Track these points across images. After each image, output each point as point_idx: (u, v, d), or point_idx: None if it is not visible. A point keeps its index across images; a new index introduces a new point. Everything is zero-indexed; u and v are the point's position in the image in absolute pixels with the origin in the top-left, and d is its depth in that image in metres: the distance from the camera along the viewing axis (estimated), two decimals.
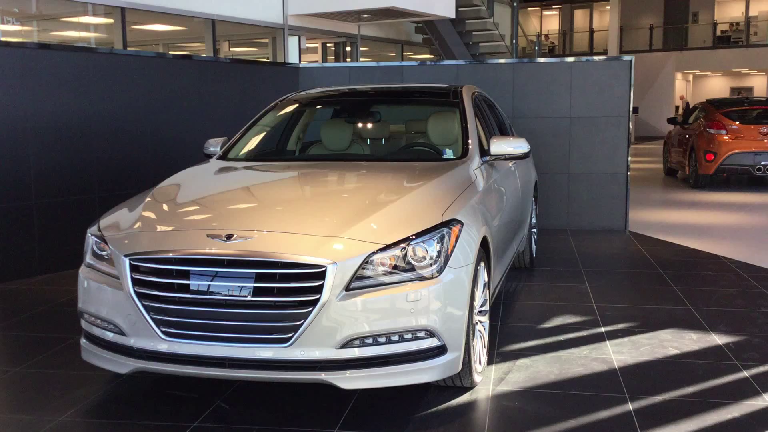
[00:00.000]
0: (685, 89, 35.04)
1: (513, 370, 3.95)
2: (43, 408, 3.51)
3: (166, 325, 3.20)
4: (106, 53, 6.96)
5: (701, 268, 6.44)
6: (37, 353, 4.29)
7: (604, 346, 4.36)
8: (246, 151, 4.91)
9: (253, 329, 3.13)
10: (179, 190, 4.04)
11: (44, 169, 6.24)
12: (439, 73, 8.66)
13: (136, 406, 3.56)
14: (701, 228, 8.59)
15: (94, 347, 3.50)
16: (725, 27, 33.36)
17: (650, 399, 3.57)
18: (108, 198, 6.54)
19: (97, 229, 3.60)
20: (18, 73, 6.04)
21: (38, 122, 6.18)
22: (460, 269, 3.37)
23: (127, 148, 6.92)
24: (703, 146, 12.10)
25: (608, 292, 5.62)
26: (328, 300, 3.09)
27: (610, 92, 8.13)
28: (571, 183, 8.35)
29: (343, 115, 5.43)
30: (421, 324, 3.21)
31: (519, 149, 4.59)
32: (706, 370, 3.97)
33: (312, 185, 4.25)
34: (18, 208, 6.07)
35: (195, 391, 3.67)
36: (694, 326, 4.72)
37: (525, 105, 8.30)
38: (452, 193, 3.77)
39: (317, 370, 3.16)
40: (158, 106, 7.22)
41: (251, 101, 8.02)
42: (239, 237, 3.22)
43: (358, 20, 14.01)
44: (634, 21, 33.74)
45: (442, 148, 4.73)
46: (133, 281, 3.25)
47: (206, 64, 8.05)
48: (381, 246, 3.21)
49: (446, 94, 5.28)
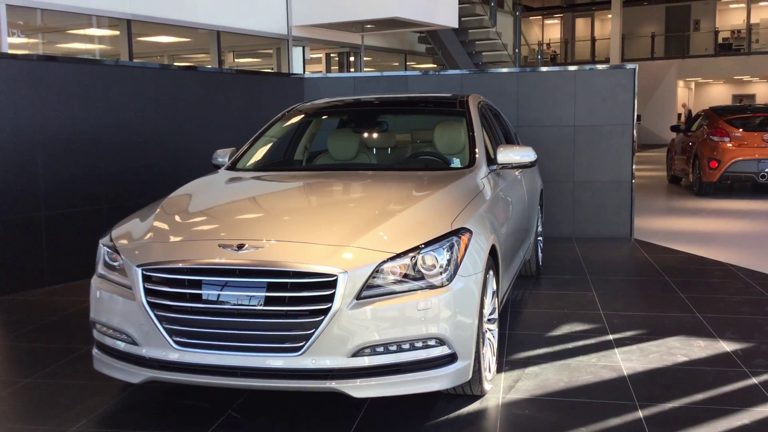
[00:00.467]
0: (687, 97, 35.07)
1: (522, 378, 3.96)
2: (56, 418, 3.53)
3: (179, 335, 3.22)
4: (112, 65, 7.02)
5: (707, 276, 6.45)
6: (47, 363, 4.31)
7: (612, 353, 4.36)
8: (254, 161, 4.93)
9: (265, 338, 3.15)
10: (190, 201, 4.06)
11: (52, 181, 6.27)
12: (443, 82, 8.70)
13: (149, 416, 3.57)
14: (706, 235, 8.60)
15: (107, 357, 3.52)
16: (727, 35, 33.44)
17: (660, 406, 3.58)
18: (116, 209, 6.57)
19: (109, 239, 3.63)
20: (26, 85, 6.08)
21: (46, 134, 6.22)
22: (470, 277, 3.39)
23: (133, 159, 6.95)
24: (706, 154, 12.12)
25: (615, 299, 5.63)
26: (339, 309, 3.11)
27: (614, 100, 8.16)
28: (576, 191, 8.37)
29: (350, 125, 5.46)
30: (432, 332, 3.22)
31: (526, 158, 4.62)
32: (715, 377, 3.98)
33: (321, 195, 4.27)
34: (26, 219, 6.11)
35: (206, 400, 3.69)
36: (702, 333, 4.73)
37: (529, 114, 8.33)
38: (461, 202, 3.79)
39: (328, 378, 3.17)
40: (164, 117, 7.27)
41: (256, 112, 8.06)
42: (250, 247, 3.24)
43: (361, 30, 14.07)
44: (635, 29, 33.84)
45: (449, 157, 4.76)
46: (146, 291, 3.27)
47: (212, 75, 8.10)
48: (391, 255, 3.23)
49: (452, 103, 5.31)
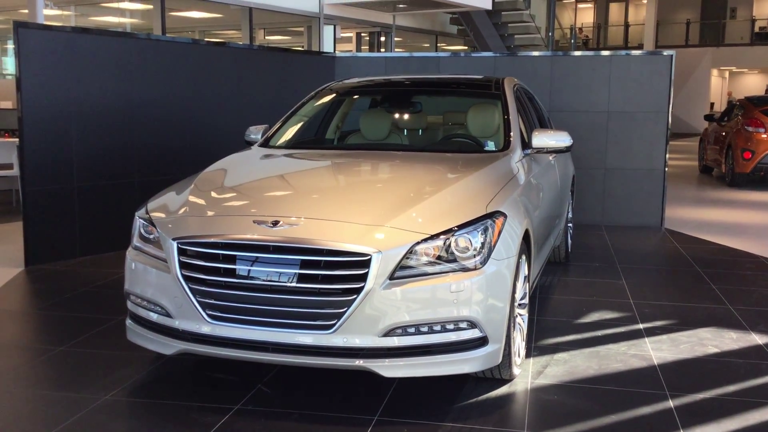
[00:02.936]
0: (721, 86, 34.47)
1: (551, 363, 3.95)
2: (89, 387, 3.58)
3: (212, 309, 3.25)
4: (145, 39, 7.02)
5: (739, 268, 6.36)
6: (80, 333, 4.37)
7: (642, 342, 4.33)
8: (286, 139, 4.93)
9: (297, 315, 3.16)
10: (225, 176, 4.08)
11: (85, 153, 6.33)
12: (476, 64, 8.62)
13: (180, 388, 3.61)
14: (738, 227, 8.47)
15: (140, 328, 3.56)
16: (763, 23, 32.75)
17: (691, 397, 3.55)
18: (148, 183, 6.62)
19: (145, 212, 3.65)
20: (60, 57, 6.11)
21: (80, 106, 6.26)
22: (503, 261, 3.37)
23: (166, 133, 6.99)
24: (740, 144, 11.92)
25: (645, 288, 5.57)
26: (372, 288, 3.11)
27: (650, 87, 8.03)
28: (607, 178, 8.28)
29: (383, 105, 5.44)
30: (464, 315, 3.21)
31: (561, 143, 4.57)
32: (747, 369, 3.93)
33: (354, 174, 4.26)
34: (60, 190, 6.17)
35: (236, 374, 3.72)
36: (734, 325, 4.67)
37: (562, 98, 8.24)
38: (495, 185, 3.76)
39: (358, 357, 3.18)
40: (197, 92, 7.28)
41: (287, 89, 8.05)
42: (285, 224, 3.24)
43: (393, 10, 13.99)
44: (670, 15, 33.26)
45: (483, 139, 4.72)
46: (181, 264, 3.29)
47: (244, 52, 8.10)
48: (425, 236, 3.22)
49: (488, 85, 5.26)
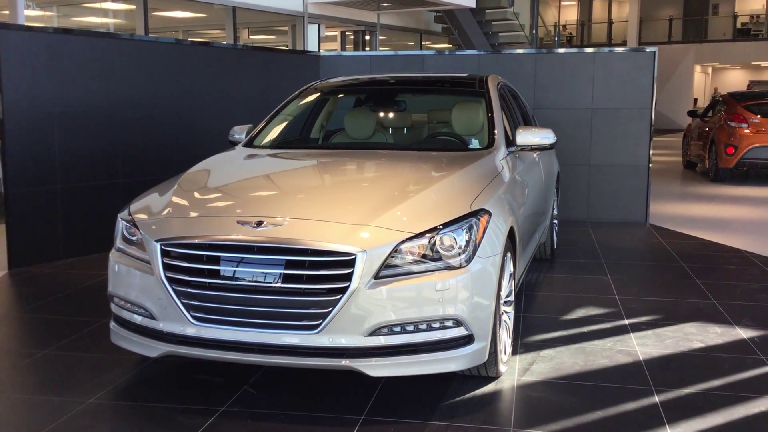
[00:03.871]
0: (705, 82, 34.69)
1: (537, 360, 3.96)
2: (72, 390, 3.55)
3: (196, 310, 3.23)
4: (128, 39, 6.98)
5: (723, 262, 6.41)
6: (63, 336, 4.33)
7: (628, 338, 4.35)
8: (271, 138, 4.91)
9: (282, 315, 3.15)
10: (209, 176, 4.06)
11: (68, 154, 6.27)
12: (460, 62, 8.62)
13: (166, 390, 3.59)
14: (722, 222, 8.53)
15: (124, 330, 3.53)
16: (745, 19, 32.99)
17: (676, 391, 3.57)
18: (131, 184, 6.58)
19: (127, 213, 3.63)
20: (42, 58, 6.06)
21: (63, 107, 6.21)
22: (488, 259, 3.37)
23: (150, 134, 6.94)
24: (723, 139, 12.00)
25: (631, 284, 5.60)
26: (357, 288, 3.10)
27: (634, 84, 8.07)
28: (592, 175, 8.31)
29: (367, 104, 5.42)
30: (449, 313, 3.21)
31: (545, 140, 4.58)
32: (732, 363, 3.95)
33: (339, 174, 4.25)
34: (43, 192, 6.12)
35: (222, 375, 3.70)
36: (719, 320, 4.70)
37: (546, 95, 8.26)
38: (480, 183, 3.76)
39: (343, 357, 3.17)
40: (180, 92, 7.24)
41: (271, 89, 8.03)
42: (269, 224, 3.23)
43: (377, 9, 13.98)
44: (653, 12, 33.42)
45: (467, 137, 4.73)
46: (164, 266, 3.27)
47: (227, 52, 8.06)
48: (410, 235, 3.22)
49: (471, 83, 5.26)
